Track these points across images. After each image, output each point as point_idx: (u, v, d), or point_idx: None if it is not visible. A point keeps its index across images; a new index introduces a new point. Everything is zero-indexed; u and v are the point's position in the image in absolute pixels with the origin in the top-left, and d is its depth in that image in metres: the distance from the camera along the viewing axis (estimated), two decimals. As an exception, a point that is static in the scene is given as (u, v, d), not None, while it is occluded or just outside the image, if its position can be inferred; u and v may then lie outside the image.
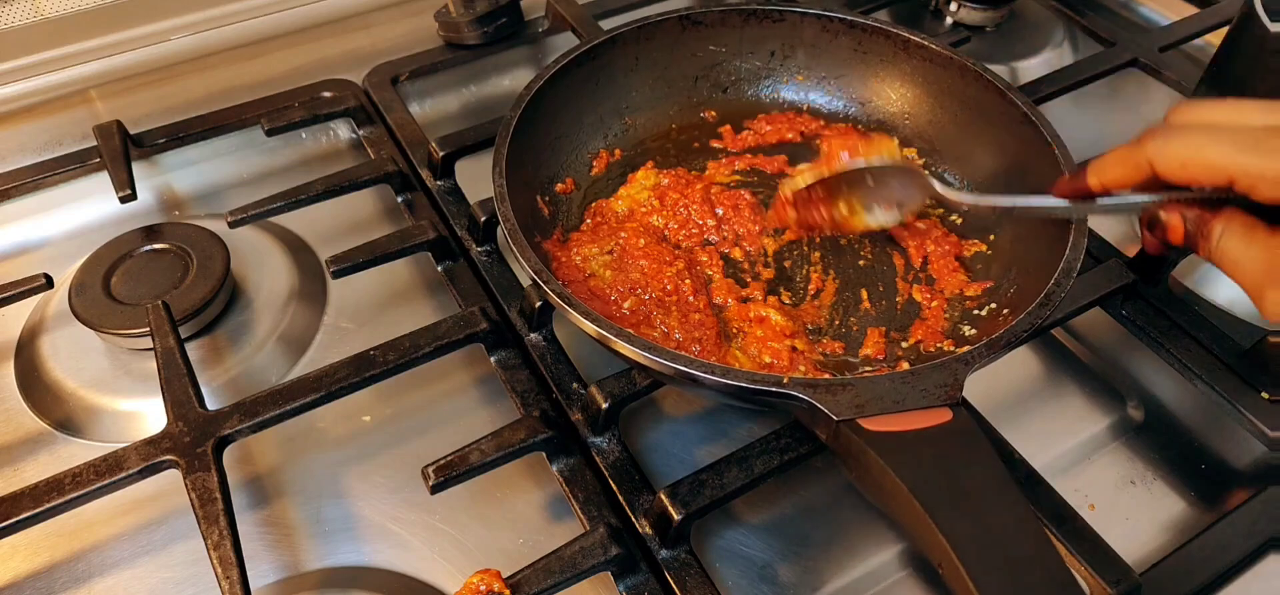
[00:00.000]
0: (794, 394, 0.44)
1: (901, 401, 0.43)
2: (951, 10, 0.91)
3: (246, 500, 0.54)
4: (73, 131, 0.76)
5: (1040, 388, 0.61)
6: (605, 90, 0.69)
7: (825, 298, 0.61)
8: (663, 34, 0.70)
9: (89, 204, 0.72)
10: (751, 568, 0.51)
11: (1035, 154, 0.59)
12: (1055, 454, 0.57)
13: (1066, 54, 0.90)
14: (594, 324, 0.47)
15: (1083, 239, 0.51)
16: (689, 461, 0.56)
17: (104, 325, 0.59)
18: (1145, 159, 0.46)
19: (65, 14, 0.80)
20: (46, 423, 0.58)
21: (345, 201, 0.70)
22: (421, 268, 0.68)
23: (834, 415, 0.43)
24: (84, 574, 0.51)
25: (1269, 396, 0.55)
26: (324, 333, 0.64)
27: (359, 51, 0.85)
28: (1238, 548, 0.50)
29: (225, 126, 0.75)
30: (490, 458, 0.50)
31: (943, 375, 0.45)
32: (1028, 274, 0.56)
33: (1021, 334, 0.47)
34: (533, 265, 0.50)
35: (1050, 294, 0.49)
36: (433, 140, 0.70)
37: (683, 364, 0.45)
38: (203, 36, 0.84)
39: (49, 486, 0.49)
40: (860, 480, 0.43)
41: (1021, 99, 0.60)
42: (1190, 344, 0.58)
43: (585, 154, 0.68)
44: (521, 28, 0.85)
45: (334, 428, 0.58)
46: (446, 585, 0.51)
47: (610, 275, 0.59)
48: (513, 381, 0.57)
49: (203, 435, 0.51)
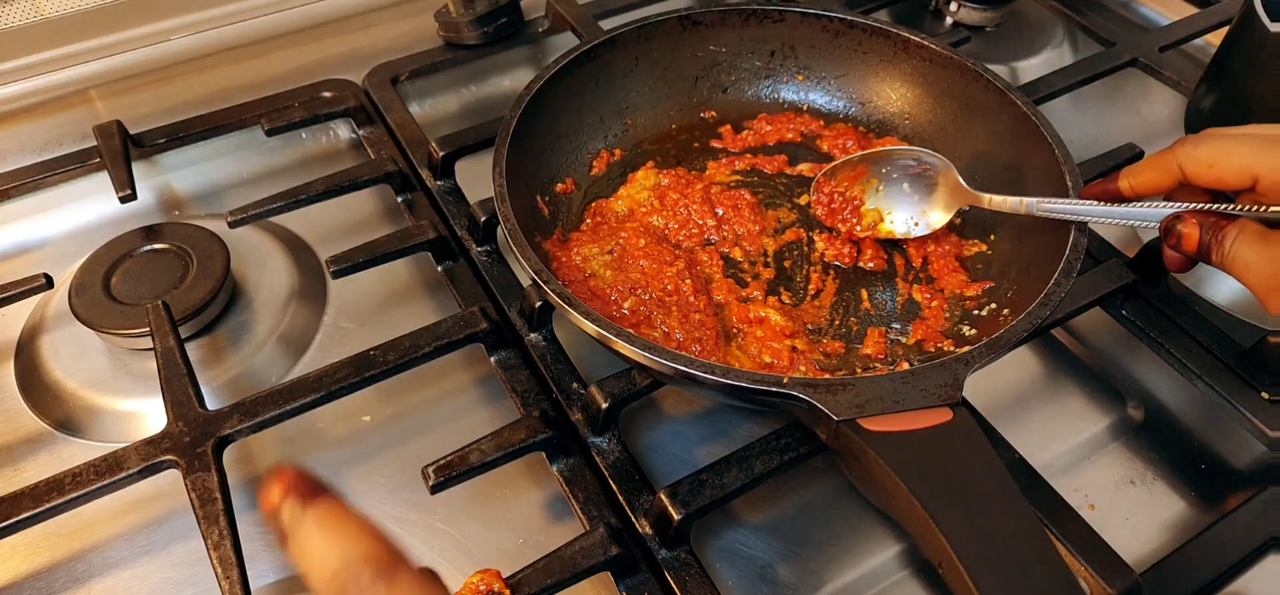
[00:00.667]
0: (794, 394, 0.44)
1: (901, 401, 0.43)
2: (951, 10, 0.91)
3: (246, 500, 0.54)
4: (73, 131, 0.76)
5: (1040, 388, 0.61)
6: (605, 90, 0.69)
7: (825, 298, 0.61)
8: (663, 34, 0.70)
9: (89, 204, 0.72)
10: (751, 568, 0.51)
11: (1035, 153, 0.59)
12: (1055, 454, 0.57)
13: (1066, 54, 0.90)
14: (594, 324, 0.47)
15: (1083, 239, 0.51)
16: (689, 461, 0.56)
17: (104, 325, 0.59)
18: (1175, 163, 0.50)
19: (65, 14, 0.80)
20: (46, 423, 0.58)
21: (345, 201, 0.70)
22: (421, 268, 0.68)
23: (834, 415, 0.43)
24: (84, 574, 0.51)
25: (1269, 396, 0.55)
26: (324, 333, 0.64)
27: (359, 51, 0.85)
28: (1238, 548, 0.50)
29: (225, 126, 0.75)
30: (490, 458, 0.50)
31: (943, 375, 0.45)
32: (1028, 274, 0.56)
33: (1022, 334, 0.47)
34: (533, 265, 0.50)
35: (1050, 294, 0.49)
36: (433, 140, 0.70)
37: (683, 364, 0.45)
38: (203, 36, 0.84)
39: (49, 486, 0.49)
40: (860, 480, 0.43)
41: (1021, 98, 0.60)
42: (1190, 344, 0.58)
43: (585, 154, 0.68)
44: (521, 28, 0.85)
45: (334, 428, 0.58)
46: (447, 585, 0.51)
47: (610, 275, 0.59)
48: (513, 381, 0.57)
49: (203, 435, 0.51)
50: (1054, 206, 0.53)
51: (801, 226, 0.65)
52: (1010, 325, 0.48)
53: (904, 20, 0.92)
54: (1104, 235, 0.66)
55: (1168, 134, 0.80)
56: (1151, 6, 0.93)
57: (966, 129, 0.66)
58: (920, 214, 0.62)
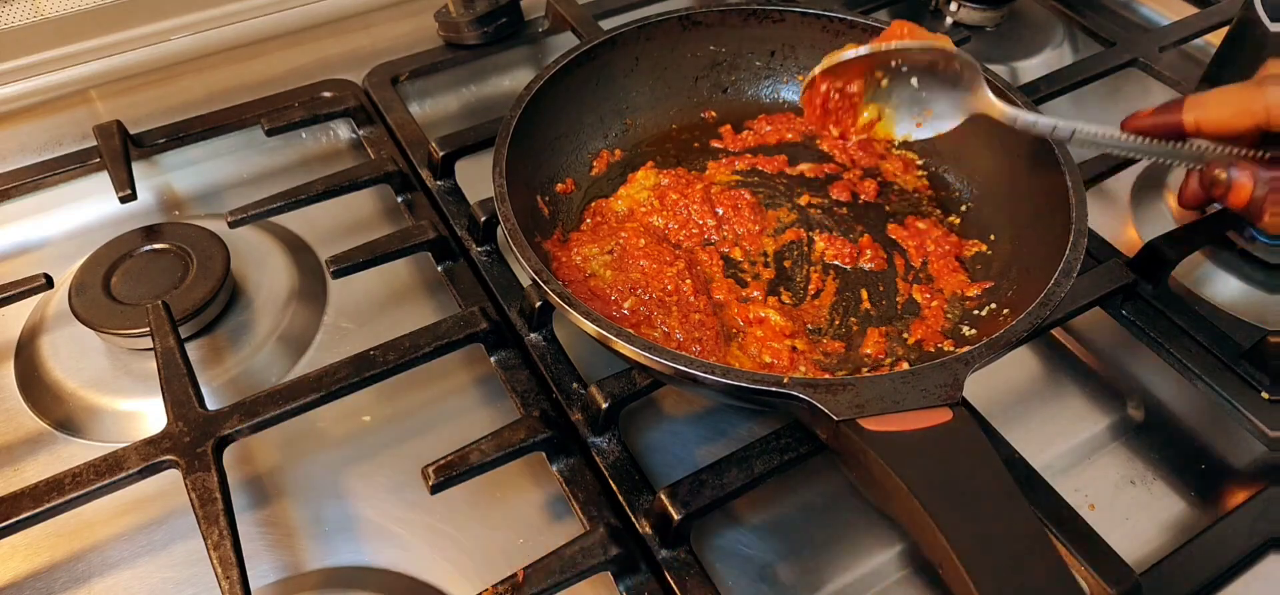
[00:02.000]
0: (794, 394, 0.44)
1: (901, 401, 0.43)
2: (952, 10, 0.91)
3: (246, 500, 0.54)
4: (73, 131, 0.76)
5: (1040, 388, 0.61)
6: (605, 90, 0.69)
7: (825, 298, 0.61)
8: (663, 34, 0.70)
9: (89, 204, 0.72)
10: (751, 568, 0.51)
11: (1033, 150, 0.59)
12: (1055, 454, 0.57)
13: (1066, 54, 0.90)
14: (594, 324, 0.47)
15: (1082, 240, 0.51)
16: (689, 461, 0.56)
17: (104, 325, 0.59)
18: (1262, 106, 0.41)
19: (65, 14, 0.80)
20: (46, 423, 0.58)
21: (345, 201, 0.70)
22: (421, 268, 0.68)
23: (834, 415, 0.43)
24: (84, 574, 0.52)
25: (1269, 396, 0.55)
26: (324, 333, 0.64)
27: (359, 51, 0.85)
28: (1238, 548, 0.50)
29: (225, 126, 0.75)
30: (490, 458, 0.50)
31: (943, 375, 0.45)
32: (1028, 274, 0.56)
33: (1021, 334, 0.47)
34: (533, 265, 0.50)
35: (1050, 294, 0.49)
36: (433, 140, 0.70)
37: (683, 364, 0.45)
38: (203, 36, 0.84)
39: (49, 486, 0.49)
40: (861, 480, 0.44)
41: (1019, 97, 0.60)
42: (1190, 344, 0.58)
43: (585, 154, 0.68)
44: (521, 28, 0.85)
45: (334, 428, 0.58)
46: (446, 585, 0.51)
47: (610, 275, 0.59)
48: (513, 381, 0.57)
49: (203, 435, 0.51)
50: (1088, 131, 0.48)
51: (801, 226, 0.65)
52: (1010, 325, 0.48)
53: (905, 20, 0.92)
54: (1104, 235, 0.66)
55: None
56: (1151, 6, 0.93)
57: (964, 128, 0.65)
58: (925, 114, 0.57)
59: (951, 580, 0.38)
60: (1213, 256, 0.66)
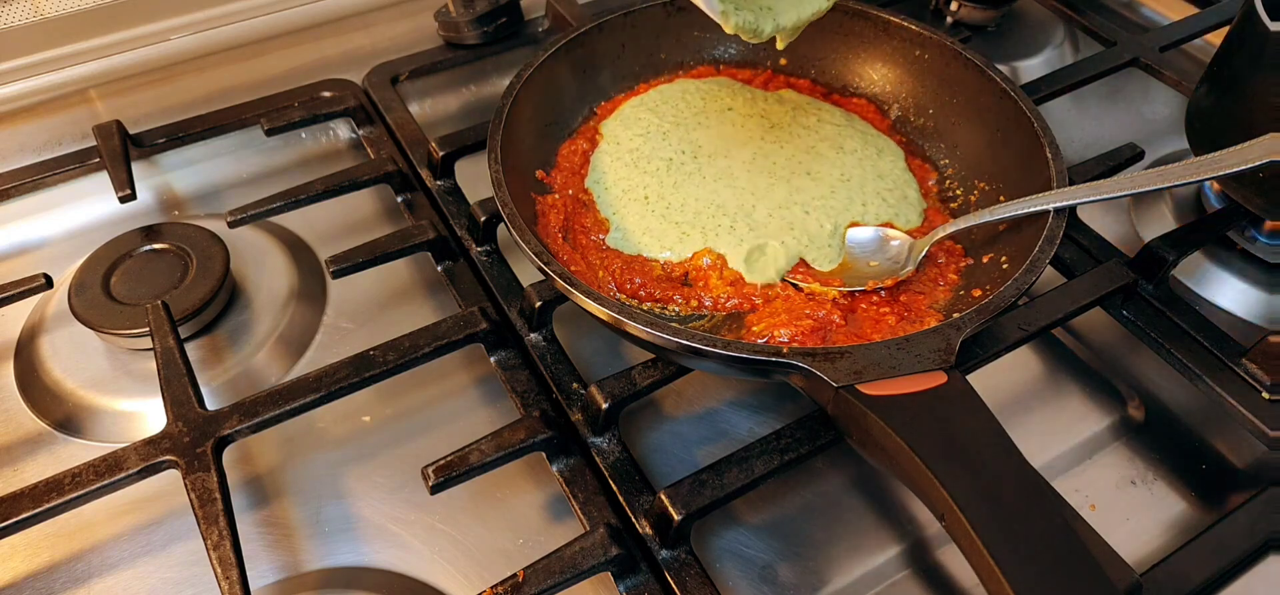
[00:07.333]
0: (795, 363, 0.45)
1: (897, 367, 0.45)
2: (952, 10, 0.91)
3: (246, 500, 0.54)
4: (73, 131, 0.76)
5: (1040, 388, 0.61)
6: (593, 76, 0.70)
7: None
8: (647, 20, 0.71)
9: (89, 204, 0.72)
10: (752, 568, 0.51)
11: (1015, 128, 0.60)
12: (1055, 454, 0.57)
13: (1066, 54, 0.90)
14: (598, 303, 0.48)
15: (1063, 212, 0.53)
16: (689, 461, 0.56)
17: (104, 325, 0.59)
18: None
19: (65, 14, 0.80)
20: (46, 423, 0.58)
21: (345, 201, 0.70)
22: (421, 268, 0.68)
23: (833, 382, 0.44)
24: (84, 574, 0.51)
25: (1269, 396, 0.55)
26: (324, 333, 0.64)
27: (359, 51, 0.85)
28: (1238, 548, 0.50)
29: (225, 126, 0.75)
30: (490, 458, 0.50)
31: (936, 340, 0.46)
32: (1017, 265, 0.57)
33: (1009, 300, 0.49)
34: (533, 248, 0.50)
35: (1035, 262, 0.50)
36: (433, 140, 0.70)
37: (687, 338, 0.46)
38: (203, 36, 0.84)
39: (49, 486, 0.49)
40: (862, 444, 0.45)
41: (1000, 75, 0.62)
42: (1190, 344, 0.58)
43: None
44: (521, 27, 0.85)
45: (334, 428, 0.58)
46: (446, 585, 0.51)
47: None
48: (513, 381, 0.57)
49: (202, 435, 0.51)
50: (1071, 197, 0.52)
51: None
52: (998, 292, 0.49)
53: (904, 20, 0.92)
54: (1104, 235, 0.66)
55: (1168, 134, 0.80)
56: (1151, 6, 0.93)
57: (948, 107, 0.67)
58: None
59: (953, 529, 0.39)
60: (1213, 256, 0.66)
